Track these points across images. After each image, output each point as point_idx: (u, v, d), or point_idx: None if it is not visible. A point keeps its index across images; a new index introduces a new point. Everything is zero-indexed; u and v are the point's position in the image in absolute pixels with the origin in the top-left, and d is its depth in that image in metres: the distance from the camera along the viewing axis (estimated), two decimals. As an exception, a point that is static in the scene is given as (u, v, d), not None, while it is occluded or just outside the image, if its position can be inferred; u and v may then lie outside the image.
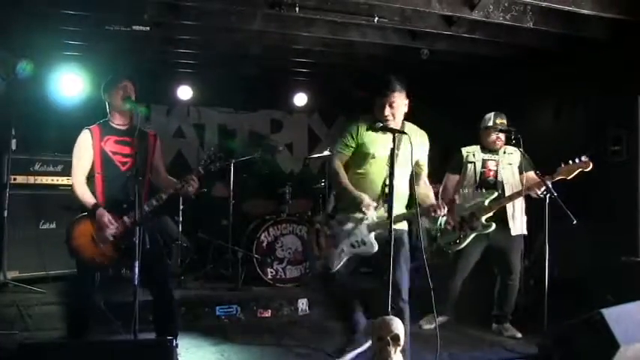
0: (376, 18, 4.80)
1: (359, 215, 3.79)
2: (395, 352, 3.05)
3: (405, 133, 3.58)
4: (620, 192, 5.16)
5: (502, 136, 4.89)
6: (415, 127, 3.97)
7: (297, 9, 4.57)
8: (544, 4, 4.49)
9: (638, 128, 5.05)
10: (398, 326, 3.09)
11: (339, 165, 3.93)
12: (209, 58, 6.59)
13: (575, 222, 4.20)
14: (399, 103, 3.83)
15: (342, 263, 3.87)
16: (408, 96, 3.89)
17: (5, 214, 5.39)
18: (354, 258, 3.90)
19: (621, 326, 3.61)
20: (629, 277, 4.82)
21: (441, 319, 5.00)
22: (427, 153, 4.03)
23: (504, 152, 5.00)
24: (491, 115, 4.96)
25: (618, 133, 5.22)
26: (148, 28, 5.06)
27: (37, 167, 5.74)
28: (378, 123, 3.70)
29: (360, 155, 3.89)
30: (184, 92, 7.52)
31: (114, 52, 6.02)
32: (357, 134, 3.88)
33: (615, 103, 5.22)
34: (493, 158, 4.98)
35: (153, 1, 4.67)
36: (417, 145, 3.72)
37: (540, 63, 5.92)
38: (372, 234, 3.81)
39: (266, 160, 7.20)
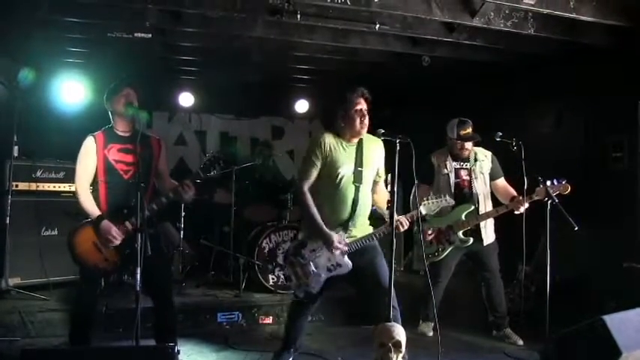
0: (377, 25, 4.82)
1: None
2: (396, 358, 3.05)
3: (409, 142, 3.49)
4: (622, 198, 5.16)
5: (469, 144, 4.90)
6: (370, 135, 3.94)
7: (298, 16, 4.58)
8: (545, 10, 4.50)
9: (638, 134, 5.05)
10: (399, 332, 3.10)
11: (307, 192, 3.88)
12: (210, 64, 6.61)
13: (576, 228, 4.20)
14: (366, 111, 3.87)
15: (321, 287, 3.97)
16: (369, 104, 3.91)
17: (7, 220, 5.39)
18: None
19: (623, 333, 3.60)
20: (631, 284, 4.82)
21: (430, 324, 5.04)
22: (383, 159, 4.05)
23: (475, 159, 4.96)
24: (454, 124, 4.89)
25: (619, 139, 5.23)
26: (149, 35, 5.08)
27: (39, 174, 5.74)
28: (379, 130, 3.70)
29: (328, 175, 3.86)
30: (186, 99, 7.55)
31: (116, 59, 6.05)
32: (323, 149, 3.84)
33: (616, 109, 5.23)
34: (465, 167, 4.96)
35: (154, 8, 4.69)
36: (378, 155, 3.98)
37: (541, 69, 5.94)
38: (345, 256, 3.87)
39: (267, 167, 7.21)
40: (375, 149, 3.99)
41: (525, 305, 5.17)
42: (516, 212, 4.63)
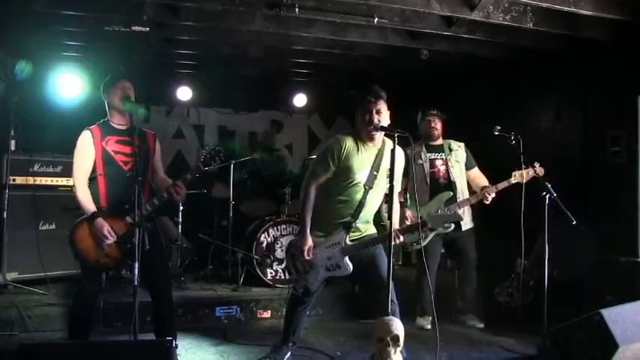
0: (376, 19, 4.79)
1: (330, 241, 3.87)
2: (395, 352, 3.05)
3: (407, 135, 3.45)
4: (621, 192, 5.16)
5: (437, 124, 5.16)
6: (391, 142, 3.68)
7: (296, 9, 4.56)
8: (544, 4, 4.48)
9: (638, 128, 5.04)
10: (398, 327, 3.10)
11: (312, 192, 3.87)
12: (209, 58, 6.58)
13: (574, 222, 4.20)
14: (384, 112, 3.76)
15: (320, 284, 4.00)
16: (389, 106, 3.81)
17: (5, 215, 5.38)
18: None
19: (620, 326, 3.61)
20: (628, 278, 4.82)
21: (430, 319, 5.06)
22: (402, 169, 3.94)
23: (450, 149, 5.18)
24: (419, 112, 5.27)
25: (618, 134, 5.22)
26: (147, 29, 5.05)
27: (36, 168, 5.72)
28: (377, 123, 3.67)
29: (341, 180, 3.83)
30: (184, 93, 7.51)
31: (113, 52, 6.02)
32: (341, 154, 3.76)
33: (615, 104, 5.22)
34: (440, 157, 5.18)
35: (152, 2, 4.66)
36: (398, 164, 3.67)
37: (540, 64, 5.92)
38: (346, 257, 3.85)
39: (265, 161, 7.19)
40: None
41: (524, 299, 5.18)
42: (485, 202, 4.88)
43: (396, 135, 3.41)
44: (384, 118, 3.73)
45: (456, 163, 5.16)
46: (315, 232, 3.92)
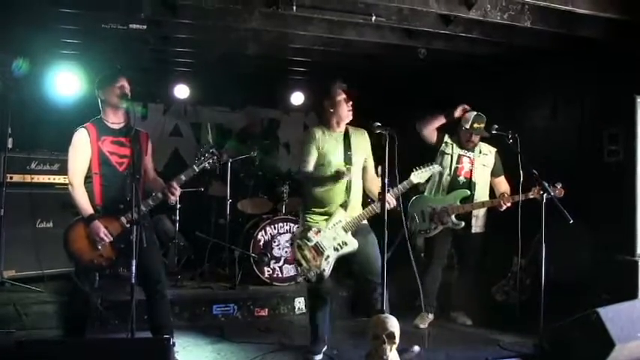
0: (373, 17, 4.79)
1: (332, 221, 4.06)
2: (390, 349, 3.06)
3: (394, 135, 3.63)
4: (617, 190, 5.16)
5: (475, 139, 5.12)
6: (354, 127, 4.33)
7: (294, 7, 4.55)
8: (542, 3, 4.49)
9: (635, 127, 5.04)
10: (393, 324, 3.11)
11: (309, 173, 4.18)
12: (206, 56, 6.57)
13: (571, 221, 4.21)
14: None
15: (331, 267, 4.09)
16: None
17: (2, 212, 5.37)
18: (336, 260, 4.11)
19: (617, 325, 3.63)
20: (625, 276, 4.83)
21: (430, 316, 5.08)
22: (370, 149, 4.32)
23: (480, 152, 5.19)
24: (472, 116, 5.08)
25: (615, 132, 5.23)
26: (144, 27, 5.04)
27: (33, 166, 5.71)
28: (376, 123, 3.71)
29: (322, 164, 4.15)
30: (181, 91, 7.51)
31: (111, 50, 6.00)
32: (316, 140, 4.20)
33: (612, 103, 5.23)
34: (468, 155, 5.18)
35: (150, 0, 4.66)
36: (364, 144, 4.29)
37: (537, 62, 5.92)
38: (349, 233, 4.06)
39: (263, 159, 7.19)
40: (360, 139, 4.29)
41: (520, 298, 5.19)
42: (500, 209, 4.91)
43: (387, 133, 3.59)
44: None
45: (482, 166, 5.16)
46: (313, 216, 4.14)
